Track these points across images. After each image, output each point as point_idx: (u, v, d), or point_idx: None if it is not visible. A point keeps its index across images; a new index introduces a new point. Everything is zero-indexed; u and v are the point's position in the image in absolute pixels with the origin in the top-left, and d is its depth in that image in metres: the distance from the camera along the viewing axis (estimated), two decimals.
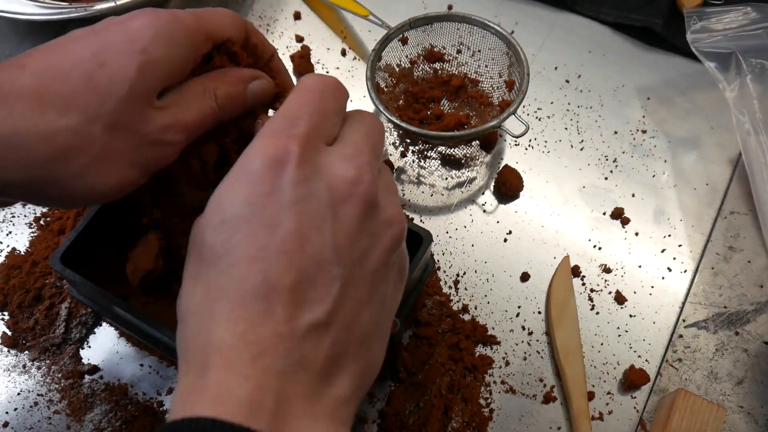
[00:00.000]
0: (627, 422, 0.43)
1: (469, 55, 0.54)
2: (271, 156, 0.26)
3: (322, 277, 0.26)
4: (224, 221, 0.26)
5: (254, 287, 0.25)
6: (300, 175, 0.26)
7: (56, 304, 0.46)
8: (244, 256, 0.25)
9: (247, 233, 0.25)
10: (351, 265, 0.26)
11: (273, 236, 0.25)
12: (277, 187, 0.26)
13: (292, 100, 0.29)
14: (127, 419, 0.42)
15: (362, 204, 0.27)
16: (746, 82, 0.50)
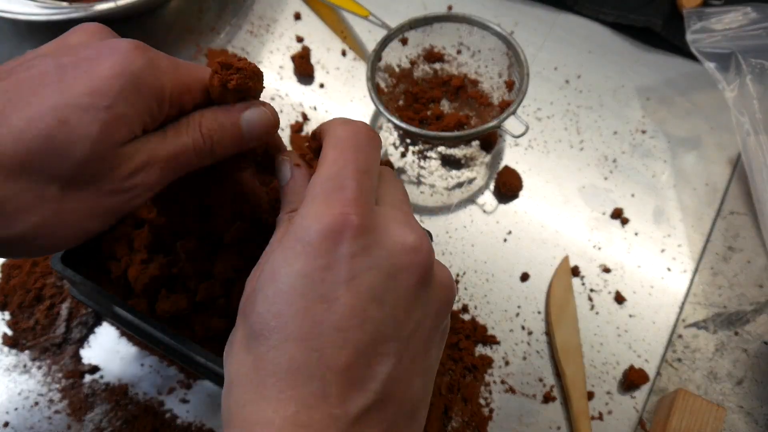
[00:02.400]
0: (626, 422, 0.43)
1: (469, 55, 0.54)
2: (327, 226, 0.25)
3: (378, 353, 0.24)
4: (278, 292, 0.25)
5: (307, 366, 0.23)
6: (358, 247, 0.25)
7: (57, 304, 0.46)
8: (298, 332, 0.24)
9: (301, 307, 0.24)
10: (407, 338, 0.25)
11: (329, 312, 0.24)
12: (335, 260, 0.25)
13: (332, 157, 0.27)
14: (127, 419, 0.42)
15: (422, 273, 0.26)
16: (746, 82, 0.50)
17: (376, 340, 0.24)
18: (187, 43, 0.57)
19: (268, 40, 0.57)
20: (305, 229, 0.25)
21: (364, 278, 0.25)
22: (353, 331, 0.24)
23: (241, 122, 0.31)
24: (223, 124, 0.30)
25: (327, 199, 0.26)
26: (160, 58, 0.29)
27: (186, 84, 0.29)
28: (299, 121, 0.53)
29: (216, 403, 0.43)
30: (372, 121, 0.54)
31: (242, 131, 0.31)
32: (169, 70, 0.28)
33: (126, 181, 0.28)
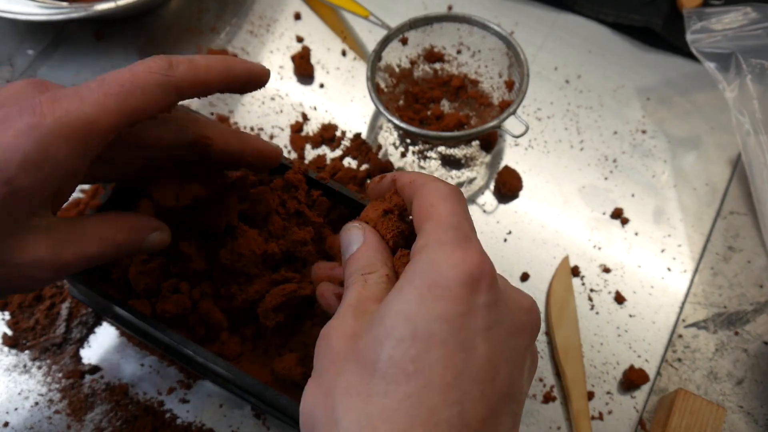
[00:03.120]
0: (627, 422, 0.43)
1: (469, 55, 0.54)
2: (469, 272, 0.24)
3: (503, 412, 0.24)
4: (415, 335, 0.23)
5: (449, 420, 0.22)
6: (492, 299, 0.24)
7: (57, 303, 0.46)
8: (440, 381, 0.23)
9: (442, 354, 0.23)
10: (521, 399, 0.25)
11: (470, 362, 0.23)
12: (474, 308, 0.24)
13: (449, 209, 0.27)
14: (127, 419, 0.42)
15: (534, 334, 0.26)
16: (746, 83, 0.50)
17: (503, 398, 0.24)
18: (187, 43, 0.57)
19: (268, 40, 0.57)
20: (443, 275, 0.24)
21: (496, 330, 0.24)
22: (488, 385, 0.23)
23: (143, 242, 0.33)
24: (129, 244, 0.32)
25: (460, 247, 0.25)
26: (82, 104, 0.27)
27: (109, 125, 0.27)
28: (299, 121, 0.53)
29: (216, 403, 0.43)
30: (372, 121, 0.54)
31: (141, 246, 0.33)
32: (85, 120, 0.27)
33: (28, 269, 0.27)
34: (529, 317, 0.26)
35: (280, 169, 0.41)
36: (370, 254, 0.29)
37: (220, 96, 0.54)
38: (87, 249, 0.30)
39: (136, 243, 0.32)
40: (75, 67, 0.56)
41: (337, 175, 0.49)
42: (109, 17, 0.55)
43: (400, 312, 0.24)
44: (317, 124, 0.53)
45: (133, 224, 0.33)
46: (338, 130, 0.53)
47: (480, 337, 0.24)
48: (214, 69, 0.31)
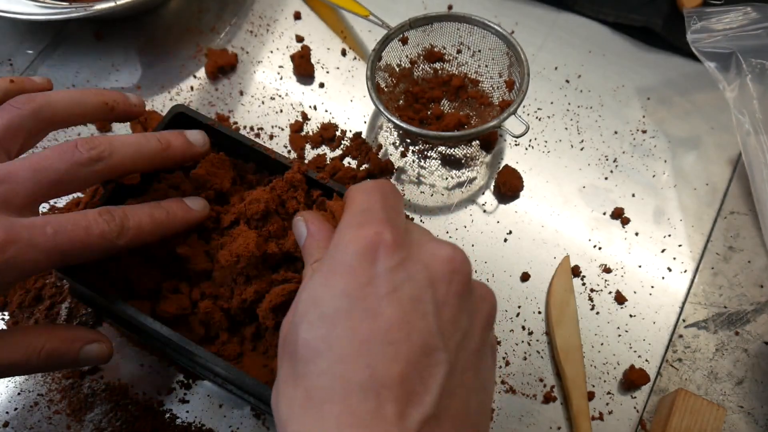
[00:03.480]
0: (627, 422, 0.43)
1: (469, 55, 0.54)
2: (364, 245, 0.26)
3: (429, 364, 0.24)
4: (322, 316, 0.25)
5: (361, 384, 0.23)
6: (396, 261, 0.25)
7: (56, 304, 0.46)
8: (348, 351, 0.24)
9: (348, 326, 0.24)
10: (455, 348, 0.25)
11: (376, 327, 0.24)
12: (374, 276, 0.25)
13: (359, 198, 0.29)
14: (127, 419, 0.42)
15: (461, 281, 0.26)
16: (746, 82, 0.50)
17: (425, 350, 0.24)
18: (187, 43, 0.57)
19: (268, 40, 0.57)
20: (342, 252, 0.26)
21: (404, 290, 0.25)
22: (402, 343, 0.24)
23: (79, 355, 0.34)
24: (63, 356, 0.33)
25: (359, 223, 0.26)
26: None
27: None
28: (299, 121, 0.53)
29: (216, 403, 0.43)
30: (372, 120, 0.54)
31: (77, 359, 0.34)
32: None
33: None
34: (448, 266, 0.26)
35: (280, 168, 0.41)
36: (313, 245, 0.31)
37: (220, 96, 0.54)
38: (11, 356, 0.32)
39: (70, 354, 0.34)
40: (75, 67, 0.56)
41: (337, 175, 0.49)
42: (109, 17, 0.55)
43: (309, 297, 0.26)
44: (317, 123, 0.53)
45: (66, 335, 0.34)
46: (338, 130, 0.53)
47: (387, 301, 0.24)
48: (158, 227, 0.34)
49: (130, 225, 0.33)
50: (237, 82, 0.55)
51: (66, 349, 0.34)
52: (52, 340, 0.33)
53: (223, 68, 0.55)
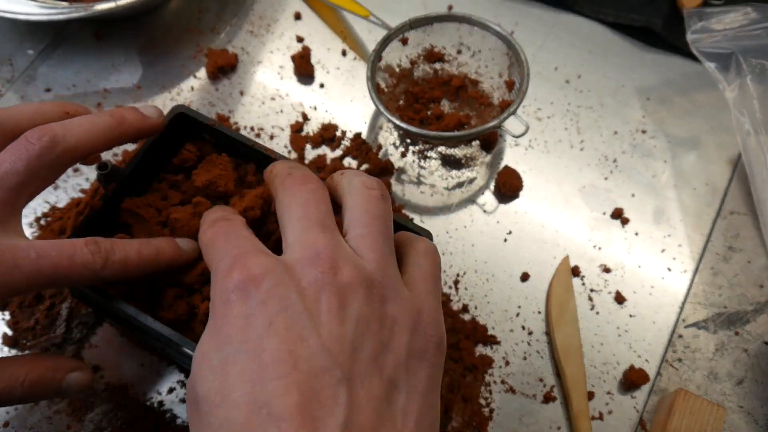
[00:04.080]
0: (627, 422, 0.43)
1: (469, 55, 0.54)
2: (233, 287, 0.26)
3: (323, 387, 0.24)
4: (212, 368, 0.25)
5: (261, 425, 0.23)
6: (264, 293, 0.25)
7: (57, 303, 0.46)
8: (242, 396, 0.24)
9: (236, 372, 0.24)
10: (351, 361, 0.25)
11: (263, 365, 0.24)
12: (249, 314, 0.25)
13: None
14: (127, 419, 0.42)
15: (334, 286, 0.26)
16: (746, 82, 0.50)
17: (315, 373, 0.24)
18: (187, 43, 0.57)
19: (268, 40, 0.57)
20: (218, 302, 0.26)
21: (278, 320, 0.25)
22: (289, 374, 0.24)
23: (62, 383, 0.34)
24: (46, 385, 0.33)
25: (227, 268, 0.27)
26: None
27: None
28: (299, 121, 0.53)
29: None
30: (372, 121, 0.54)
31: (60, 388, 0.34)
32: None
33: None
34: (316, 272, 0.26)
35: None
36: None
37: (220, 96, 0.54)
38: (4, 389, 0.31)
39: (52, 384, 0.34)
40: (75, 67, 0.56)
41: None
42: (109, 17, 0.55)
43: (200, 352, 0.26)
44: (317, 124, 0.53)
45: (48, 365, 0.34)
46: (338, 130, 0.53)
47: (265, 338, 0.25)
48: (144, 265, 0.34)
49: (116, 259, 0.33)
50: (237, 82, 0.55)
51: (50, 378, 0.33)
52: (34, 370, 0.33)
53: (223, 68, 0.55)
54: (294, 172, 0.32)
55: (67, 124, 0.33)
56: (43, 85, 0.55)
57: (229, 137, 0.41)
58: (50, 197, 0.49)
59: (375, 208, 0.30)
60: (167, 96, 0.54)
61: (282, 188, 0.31)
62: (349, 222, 0.30)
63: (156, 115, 0.38)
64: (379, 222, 0.29)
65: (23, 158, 0.31)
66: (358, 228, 0.29)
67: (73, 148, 0.33)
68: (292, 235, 0.28)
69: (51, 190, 0.50)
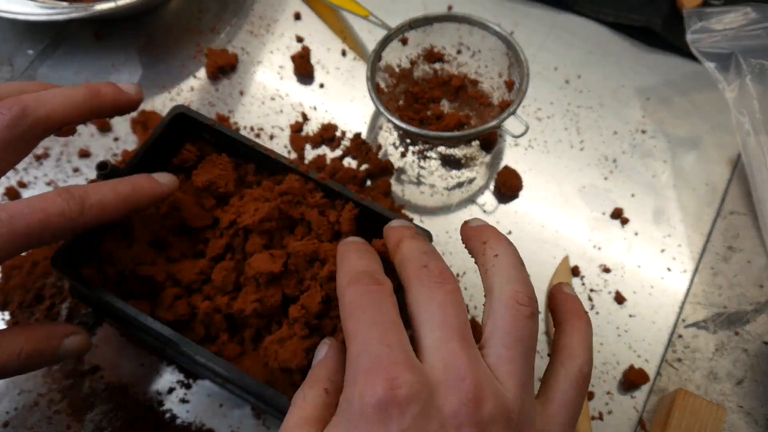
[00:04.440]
0: (627, 422, 0.43)
1: (469, 55, 0.54)
2: (370, 401, 0.25)
3: None
4: None
5: None
6: (407, 423, 0.24)
7: (57, 304, 0.46)
8: None
9: None
10: None
11: None
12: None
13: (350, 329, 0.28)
14: (127, 419, 0.42)
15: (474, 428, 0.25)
16: (746, 83, 0.50)
17: None
18: (187, 43, 0.57)
19: (268, 40, 0.57)
20: (352, 413, 0.25)
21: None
22: None
23: (59, 349, 0.34)
24: (42, 354, 0.33)
25: (366, 375, 0.25)
26: None
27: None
28: (299, 121, 0.53)
29: (216, 403, 0.43)
30: (372, 121, 0.54)
31: (58, 354, 0.34)
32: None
33: None
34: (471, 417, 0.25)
35: (280, 169, 0.41)
36: (322, 372, 0.30)
37: (220, 96, 0.54)
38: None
39: (49, 352, 0.33)
40: (75, 67, 0.56)
41: (337, 175, 0.49)
42: (109, 17, 0.55)
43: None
44: (317, 124, 0.53)
45: (43, 334, 0.33)
46: (338, 130, 0.53)
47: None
48: (123, 202, 0.34)
49: (93, 202, 0.32)
50: (237, 82, 0.55)
51: (45, 346, 0.33)
52: (30, 341, 0.33)
53: (223, 68, 0.55)
54: (430, 265, 0.30)
55: (40, 95, 0.33)
56: None
57: (229, 137, 0.41)
58: None
59: (523, 328, 0.28)
60: (167, 96, 0.54)
61: (418, 282, 0.29)
62: (491, 334, 0.28)
63: (134, 91, 0.37)
64: (524, 345, 0.28)
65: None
66: (501, 347, 0.27)
67: (45, 117, 0.32)
68: (431, 342, 0.27)
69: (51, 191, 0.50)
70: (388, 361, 0.25)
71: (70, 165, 0.51)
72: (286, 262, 0.37)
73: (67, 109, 0.33)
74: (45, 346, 0.33)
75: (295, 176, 0.40)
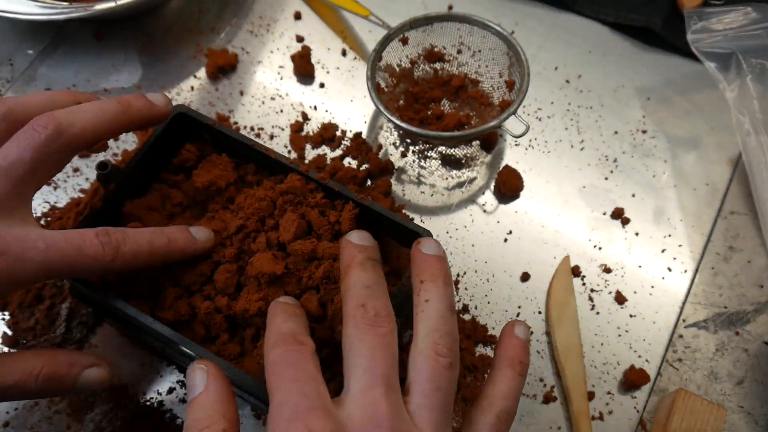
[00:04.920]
0: (627, 422, 0.43)
1: (469, 55, 0.54)
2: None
3: None
4: None
5: None
6: None
7: (57, 303, 0.46)
8: None
9: None
10: None
11: None
12: None
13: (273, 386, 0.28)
14: (127, 419, 0.42)
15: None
16: (746, 82, 0.50)
17: None
18: (187, 43, 0.57)
19: (268, 40, 0.57)
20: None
21: None
22: None
23: (78, 379, 0.33)
24: (61, 380, 0.32)
25: (287, 423, 0.26)
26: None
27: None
28: (299, 121, 0.53)
29: None
30: (372, 120, 0.54)
31: (75, 384, 0.33)
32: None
33: None
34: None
35: (280, 169, 0.41)
36: (208, 405, 0.29)
37: (220, 96, 0.54)
38: (7, 379, 0.31)
39: (67, 380, 0.33)
40: (75, 67, 0.56)
41: (337, 175, 0.49)
42: (109, 17, 0.55)
43: None
44: (317, 123, 0.53)
45: (64, 359, 0.33)
46: (338, 130, 0.53)
47: None
48: (155, 255, 0.34)
49: (126, 250, 0.32)
50: (237, 82, 0.55)
51: (65, 372, 0.33)
52: (50, 364, 0.32)
53: (223, 68, 0.55)
54: (368, 305, 0.30)
55: (72, 111, 0.33)
56: (42, 85, 0.55)
57: (229, 137, 0.41)
58: (50, 197, 0.49)
59: (441, 378, 0.29)
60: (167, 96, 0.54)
61: (352, 322, 0.30)
62: (413, 381, 0.29)
63: (164, 103, 0.37)
64: (442, 394, 0.29)
65: (30, 147, 0.31)
66: (420, 396, 0.29)
67: (79, 135, 0.32)
68: (355, 387, 0.28)
69: (51, 190, 0.50)
70: (306, 408, 0.27)
71: (71, 165, 0.51)
72: (287, 263, 0.37)
73: (100, 126, 0.33)
74: (64, 373, 0.33)
75: (296, 176, 0.39)
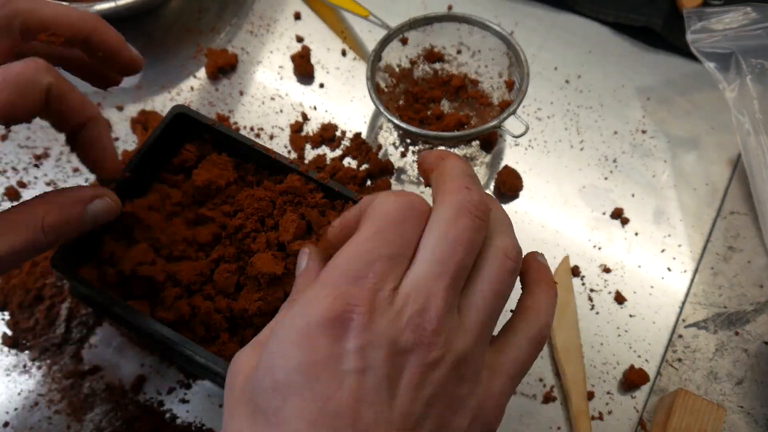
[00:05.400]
0: (627, 422, 0.43)
1: (469, 55, 0.54)
2: (330, 317, 0.24)
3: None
4: (275, 386, 0.24)
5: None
6: (359, 345, 0.24)
7: (57, 303, 0.46)
8: (296, 427, 0.23)
9: (298, 403, 0.23)
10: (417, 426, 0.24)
11: (324, 410, 0.23)
12: (333, 356, 0.24)
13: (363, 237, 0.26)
14: (127, 419, 0.42)
15: (422, 367, 0.24)
16: (746, 82, 0.50)
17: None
18: (187, 43, 0.57)
19: (268, 40, 0.57)
20: (305, 316, 0.24)
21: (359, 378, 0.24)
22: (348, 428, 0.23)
23: (85, 214, 0.31)
24: (68, 219, 0.30)
25: (336, 286, 0.25)
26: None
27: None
28: (299, 121, 0.53)
29: (216, 403, 0.43)
30: (372, 121, 0.54)
31: (85, 221, 0.31)
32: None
33: None
34: (409, 357, 0.24)
35: (280, 169, 0.41)
36: (304, 282, 0.30)
37: (220, 96, 0.54)
38: (14, 241, 0.28)
39: (74, 220, 0.30)
40: None
41: (337, 175, 0.49)
42: (108, 17, 0.55)
43: (267, 361, 0.25)
44: (317, 124, 0.53)
45: (65, 200, 0.31)
46: (338, 130, 0.53)
47: (339, 386, 0.23)
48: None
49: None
50: (237, 82, 0.55)
51: (68, 214, 0.30)
52: (51, 212, 0.29)
53: (223, 68, 0.55)
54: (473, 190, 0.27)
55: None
56: None
57: (228, 137, 0.41)
58: None
59: (504, 281, 0.27)
60: (167, 96, 0.54)
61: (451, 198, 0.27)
62: (474, 280, 0.27)
63: (136, 52, 0.35)
64: (500, 301, 0.27)
65: None
66: (479, 296, 0.27)
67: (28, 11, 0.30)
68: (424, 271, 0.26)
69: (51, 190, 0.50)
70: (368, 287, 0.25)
71: (70, 165, 0.51)
72: (287, 263, 0.37)
73: (58, 16, 0.31)
74: (68, 214, 0.30)
75: (296, 176, 0.40)
